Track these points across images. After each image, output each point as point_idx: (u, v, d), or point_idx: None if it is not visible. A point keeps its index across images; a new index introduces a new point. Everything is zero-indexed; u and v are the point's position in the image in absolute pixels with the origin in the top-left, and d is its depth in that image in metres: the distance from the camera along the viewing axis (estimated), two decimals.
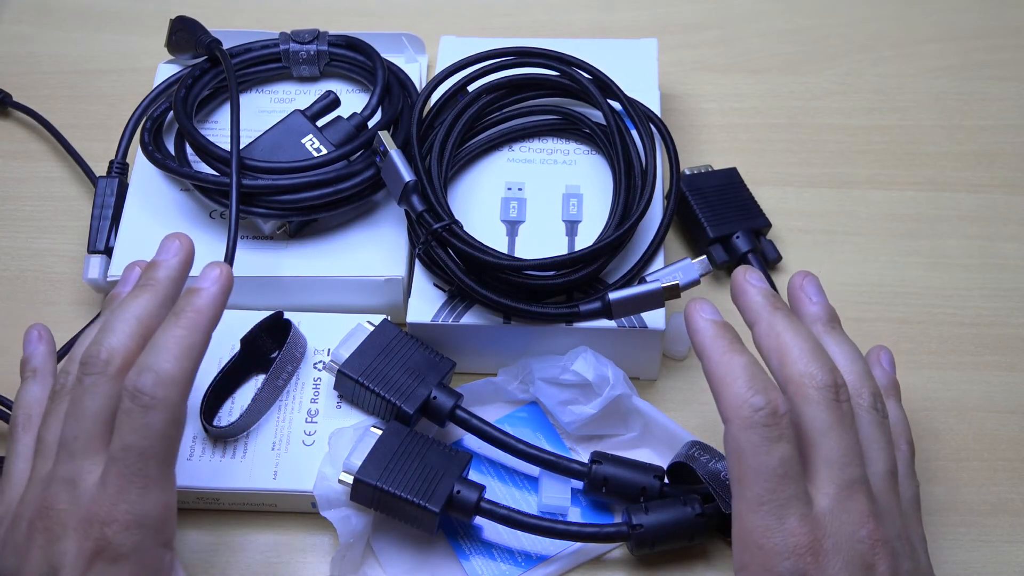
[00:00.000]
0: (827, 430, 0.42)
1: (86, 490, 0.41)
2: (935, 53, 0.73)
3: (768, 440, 0.41)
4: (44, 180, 0.67)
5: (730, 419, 0.42)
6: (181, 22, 0.64)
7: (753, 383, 0.42)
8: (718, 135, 0.69)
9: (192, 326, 0.44)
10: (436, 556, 0.52)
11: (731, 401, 0.42)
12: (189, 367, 0.43)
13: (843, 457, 0.42)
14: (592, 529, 0.50)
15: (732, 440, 0.42)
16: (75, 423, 0.43)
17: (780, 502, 0.41)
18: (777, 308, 0.46)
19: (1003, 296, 0.61)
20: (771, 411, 0.41)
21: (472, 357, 0.57)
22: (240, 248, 0.57)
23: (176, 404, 0.42)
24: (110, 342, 0.43)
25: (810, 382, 0.43)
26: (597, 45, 0.65)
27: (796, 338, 0.44)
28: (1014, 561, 0.52)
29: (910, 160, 0.67)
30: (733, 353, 0.43)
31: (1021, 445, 0.56)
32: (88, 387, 0.43)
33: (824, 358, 0.44)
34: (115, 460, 0.41)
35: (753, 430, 0.41)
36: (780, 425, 0.41)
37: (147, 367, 0.42)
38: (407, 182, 0.55)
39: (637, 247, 0.57)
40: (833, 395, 0.43)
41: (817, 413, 0.42)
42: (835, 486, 0.42)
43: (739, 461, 0.42)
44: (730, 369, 0.43)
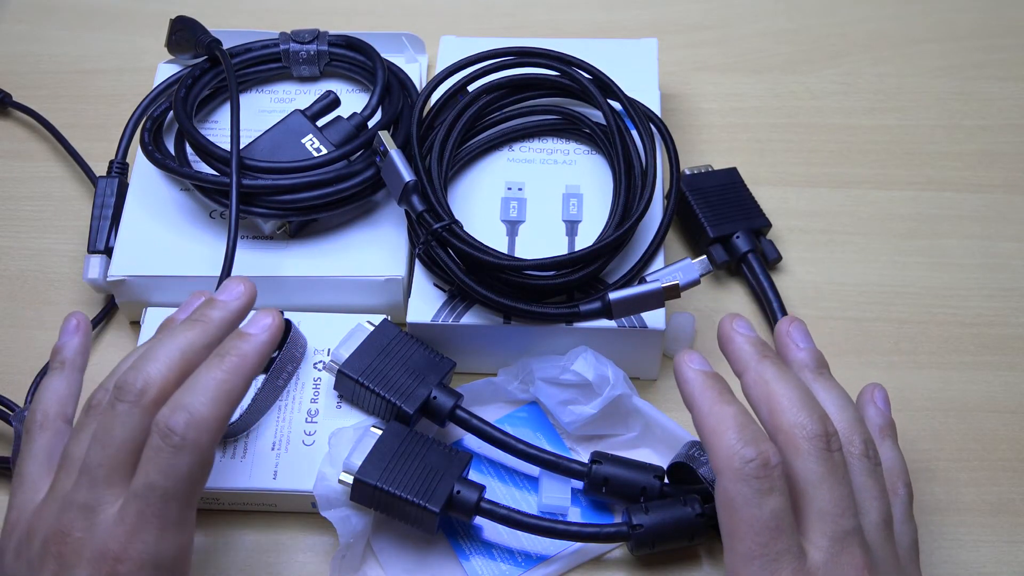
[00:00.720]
0: (819, 482, 0.42)
1: (103, 521, 0.41)
2: (935, 53, 0.73)
3: (760, 493, 0.40)
4: (44, 180, 0.67)
5: (721, 471, 0.41)
6: (181, 22, 0.64)
7: (743, 434, 0.41)
8: (718, 135, 0.69)
9: (234, 370, 0.43)
10: (436, 556, 0.52)
11: (722, 453, 0.41)
12: (224, 412, 0.42)
13: (836, 509, 0.41)
14: (592, 529, 0.50)
15: (723, 492, 0.41)
16: (100, 450, 0.42)
17: (772, 556, 0.40)
18: (765, 356, 0.45)
19: (1003, 296, 0.61)
20: (762, 462, 0.41)
21: (472, 357, 0.57)
22: (240, 248, 0.57)
23: (206, 448, 0.41)
24: (148, 371, 0.43)
25: (800, 432, 0.42)
26: (597, 45, 0.65)
27: (785, 387, 0.44)
28: (1014, 561, 0.52)
29: (910, 160, 0.67)
30: (723, 404, 0.43)
31: (1021, 445, 0.56)
32: (119, 414, 0.42)
33: (814, 406, 0.43)
34: (136, 497, 0.41)
35: (744, 482, 0.41)
36: (772, 477, 0.41)
37: (182, 406, 0.41)
38: (407, 182, 0.55)
39: (637, 247, 0.57)
40: (824, 445, 0.42)
41: (808, 464, 0.42)
42: (828, 539, 0.41)
43: (731, 514, 0.41)
44: (720, 420, 0.42)
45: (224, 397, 0.42)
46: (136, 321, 0.60)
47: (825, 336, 0.60)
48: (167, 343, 0.44)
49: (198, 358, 0.44)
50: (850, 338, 0.60)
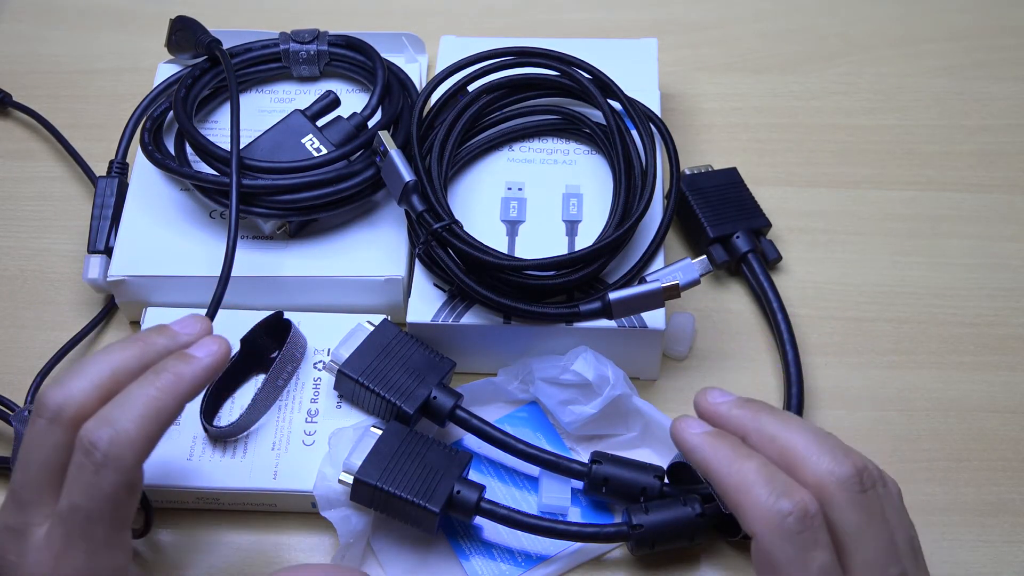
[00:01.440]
0: (860, 532, 0.39)
1: (32, 545, 0.39)
2: (935, 53, 0.73)
3: (804, 549, 0.38)
4: (44, 180, 0.67)
5: (758, 531, 0.38)
6: (181, 22, 0.64)
7: (774, 486, 0.39)
8: (718, 135, 0.69)
9: (167, 389, 0.40)
10: (436, 556, 0.52)
11: (756, 512, 0.38)
12: (152, 432, 0.40)
13: (882, 558, 0.39)
14: (592, 529, 0.50)
15: (763, 554, 0.38)
16: (22, 472, 0.40)
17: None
18: (759, 413, 0.43)
19: (1003, 296, 0.61)
20: (801, 514, 0.38)
21: (472, 357, 0.57)
22: (240, 248, 0.57)
23: (130, 467, 0.39)
24: (70, 387, 0.40)
25: (830, 479, 0.39)
26: (597, 45, 0.65)
27: (794, 435, 0.41)
28: (1014, 561, 0.52)
29: (910, 160, 0.67)
30: (741, 459, 0.40)
31: (1021, 445, 0.56)
32: (37, 432, 0.40)
33: (832, 445, 0.40)
34: (62, 519, 0.39)
35: (787, 539, 0.38)
36: (814, 528, 0.38)
37: (107, 421, 0.39)
38: (407, 182, 0.55)
39: (637, 247, 0.57)
40: (859, 487, 0.39)
41: (846, 516, 0.39)
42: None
43: (775, 571, 0.38)
44: (744, 477, 0.39)
45: (153, 416, 0.40)
46: (136, 321, 0.60)
47: (825, 336, 0.60)
48: (98, 360, 0.42)
49: (128, 379, 0.41)
50: (850, 338, 0.60)
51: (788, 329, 0.58)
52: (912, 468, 0.55)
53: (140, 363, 0.42)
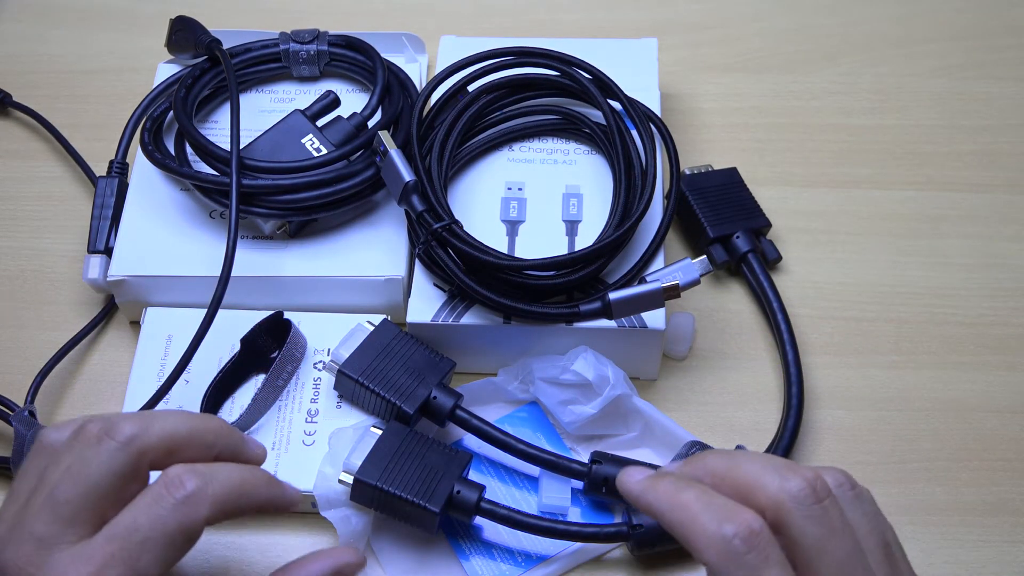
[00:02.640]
0: (821, 544, 0.38)
1: (61, 558, 0.39)
2: (935, 53, 0.73)
3: (754, 569, 0.37)
4: (44, 180, 0.67)
5: (708, 560, 0.38)
6: (181, 22, 0.64)
7: (715, 511, 0.38)
8: (718, 135, 0.69)
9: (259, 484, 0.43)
10: (436, 556, 0.52)
11: (702, 541, 0.38)
12: (229, 505, 0.41)
13: (846, 567, 0.38)
14: (592, 529, 0.50)
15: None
16: (72, 485, 0.40)
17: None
18: (702, 457, 0.42)
19: (1003, 296, 0.61)
20: (746, 534, 0.37)
21: (472, 357, 0.57)
22: (240, 248, 0.57)
23: (201, 520, 0.40)
24: (149, 424, 0.42)
25: (783, 497, 0.39)
26: (597, 45, 0.65)
27: (742, 465, 0.40)
28: (1015, 561, 0.52)
29: (910, 160, 0.67)
30: (680, 492, 0.39)
31: (1021, 445, 0.56)
32: (103, 451, 0.41)
33: (778, 466, 0.40)
34: (114, 538, 0.39)
35: (735, 562, 0.37)
36: (762, 545, 0.37)
37: (201, 473, 0.41)
38: (407, 182, 0.55)
39: (637, 247, 0.57)
40: (813, 499, 0.39)
41: (805, 529, 0.38)
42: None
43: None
44: (686, 510, 0.39)
45: (238, 493, 0.42)
46: (136, 321, 0.60)
47: (825, 336, 0.60)
48: (179, 414, 0.44)
49: (197, 449, 0.43)
50: (850, 338, 0.60)
51: (788, 329, 0.58)
52: (912, 468, 0.55)
53: (213, 440, 0.44)
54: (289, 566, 0.45)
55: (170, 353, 0.56)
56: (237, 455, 0.45)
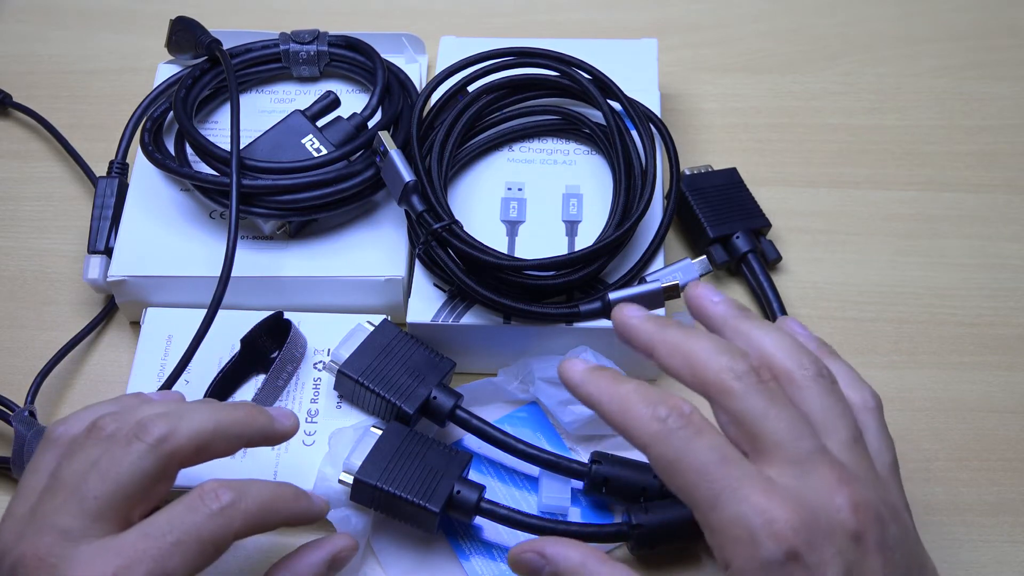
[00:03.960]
0: (763, 414, 0.39)
1: (84, 552, 0.39)
2: (935, 53, 0.73)
3: (688, 438, 0.38)
4: (44, 180, 0.67)
5: (646, 442, 0.39)
6: (181, 23, 0.64)
7: (647, 399, 0.40)
8: (718, 135, 0.69)
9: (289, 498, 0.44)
10: (436, 556, 0.52)
11: (638, 424, 0.40)
12: (260, 520, 0.43)
13: (790, 432, 0.39)
14: (592, 529, 0.50)
15: (658, 460, 0.39)
16: (100, 483, 0.41)
17: (734, 486, 0.38)
18: (667, 325, 0.43)
19: (1003, 296, 0.61)
20: (677, 413, 0.39)
21: (472, 357, 0.57)
22: (240, 248, 0.57)
23: (233, 532, 0.41)
24: (178, 424, 0.42)
25: (727, 375, 0.40)
26: (597, 45, 0.65)
27: (696, 343, 0.41)
28: (1015, 561, 0.52)
29: (910, 160, 0.67)
30: (616, 385, 0.41)
31: (1021, 445, 0.56)
32: (132, 452, 0.41)
33: (732, 349, 0.41)
34: (147, 535, 0.40)
35: (669, 438, 0.39)
36: (693, 422, 0.39)
37: (236, 488, 0.42)
38: (407, 182, 0.55)
39: (637, 247, 0.57)
40: (755, 378, 0.40)
41: (747, 403, 0.39)
42: (791, 464, 0.38)
43: (674, 474, 0.39)
44: (622, 399, 0.40)
45: (270, 509, 0.43)
46: (136, 321, 0.60)
47: (825, 336, 0.59)
48: (204, 409, 0.44)
49: (225, 443, 0.44)
50: (850, 338, 0.60)
51: None
52: (912, 468, 0.55)
53: (239, 433, 0.45)
54: (287, 559, 0.46)
55: (170, 353, 0.56)
56: (268, 437, 0.46)
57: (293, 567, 0.45)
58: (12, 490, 0.54)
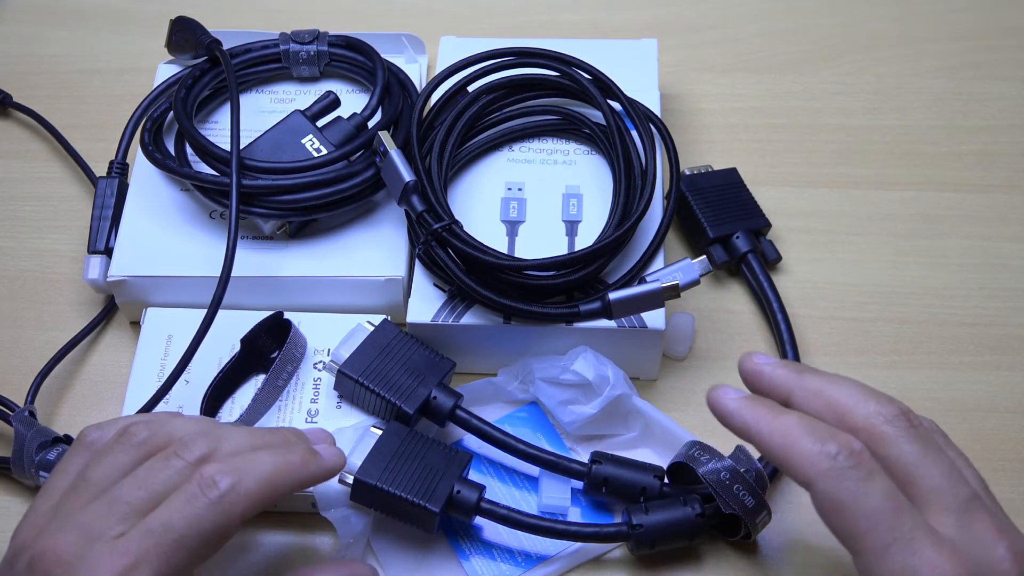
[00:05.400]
0: (920, 459, 0.39)
1: (100, 550, 0.40)
2: (935, 53, 0.73)
3: (861, 480, 0.38)
4: (44, 180, 0.67)
5: (812, 478, 0.39)
6: (181, 23, 0.64)
7: (816, 434, 0.39)
8: (718, 135, 0.69)
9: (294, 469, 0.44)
10: (436, 556, 0.52)
11: (804, 461, 0.39)
12: (265, 496, 0.42)
13: (948, 479, 0.39)
14: (592, 529, 0.50)
15: (824, 499, 0.39)
16: (135, 489, 0.41)
17: (907, 537, 0.37)
18: (803, 371, 0.43)
19: (1003, 296, 0.61)
20: (849, 451, 0.38)
21: (472, 357, 0.57)
22: (240, 248, 0.57)
23: (236, 517, 0.41)
24: (220, 447, 0.43)
25: (879, 420, 0.40)
26: (597, 45, 0.65)
27: (839, 387, 0.41)
28: None
29: (910, 160, 0.67)
30: (780, 416, 0.41)
31: (1021, 445, 0.56)
32: (171, 467, 0.42)
33: (877, 393, 0.41)
34: (150, 533, 0.40)
35: (841, 477, 0.38)
36: (864, 462, 0.38)
37: (233, 470, 0.42)
38: (407, 182, 0.55)
39: (637, 247, 0.57)
40: (907, 422, 0.40)
41: (902, 447, 0.39)
42: (954, 513, 0.38)
43: (841, 516, 0.38)
44: (787, 432, 0.40)
45: (271, 482, 0.42)
46: (136, 321, 0.60)
47: (825, 336, 0.60)
48: (244, 435, 0.45)
49: (279, 496, 0.44)
50: (850, 338, 0.60)
51: (788, 329, 0.58)
52: None
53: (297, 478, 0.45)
54: (304, 571, 0.46)
55: (170, 353, 0.56)
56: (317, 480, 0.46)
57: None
58: (12, 490, 0.54)
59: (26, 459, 0.52)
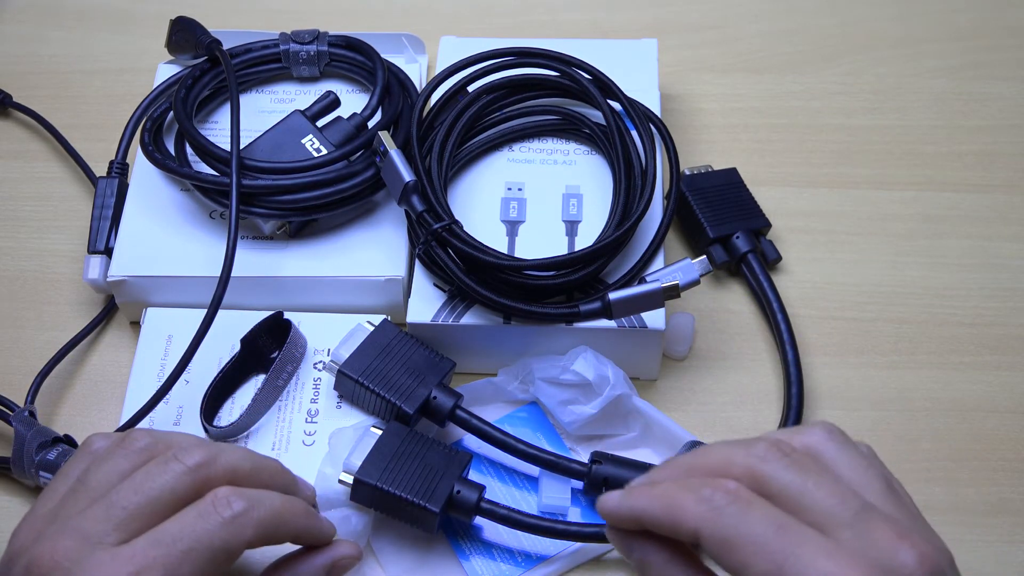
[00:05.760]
0: (802, 485, 0.39)
1: (100, 557, 0.40)
2: (935, 53, 0.73)
3: (739, 513, 0.38)
4: (44, 180, 0.67)
5: (697, 526, 0.38)
6: (181, 23, 0.64)
7: (687, 486, 0.39)
8: (718, 135, 0.69)
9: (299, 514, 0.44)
10: (436, 556, 0.52)
11: (686, 513, 0.39)
12: (271, 531, 0.43)
13: (835, 497, 0.38)
14: (592, 529, 0.50)
15: (711, 542, 0.38)
16: (133, 494, 0.41)
17: (796, 552, 0.37)
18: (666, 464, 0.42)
19: (1003, 296, 0.61)
20: (723, 491, 0.38)
21: (472, 357, 0.57)
22: (240, 248, 0.57)
23: (243, 541, 0.42)
24: (218, 454, 0.43)
25: (754, 461, 0.39)
26: (597, 45, 0.65)
27: (707, 454, 0.41)
28: (1014, 561, 0.52)
29: (910, 160, 0.67)
30: (656, 487, 0.40)
31: (1021, 445, 0.56)
32: (169, 471, 0.42)
33: (744, 440, 0.41)
34: (158, 543, 0.40)
35: (719, 518, 0.38)
36: (741, 495, 0.38)
37: (248, 496, 0.42)
38: (407, 182, 0.55)
39: (637, 247, 0.57)
40: (779, 453, 0.40)
41: (782, 479, 0.39)
42: (849, 527, 0.38)
43: (731, 551, 0.38)
44: (662, 497, 0.40)
45: (279, 520, 0.43)
46: (136, 321, 0.60)
47: (825, 336, 0.60)
48: (246, 452, 0.45)
49: (260, 482, 0.44)
50: (850, 338, 0.60)
51: (788, 329, 0.58)
52: (912, 468, 0.55)
53: (269, 480, 0.45)
54: (288, 559, 0.46)
55: (170, 353, 0.56)
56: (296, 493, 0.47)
57: (293, 568, 0.46)
58: (12, 490, 0.54)
59: (26, 459, 0.52)
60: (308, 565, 0.46)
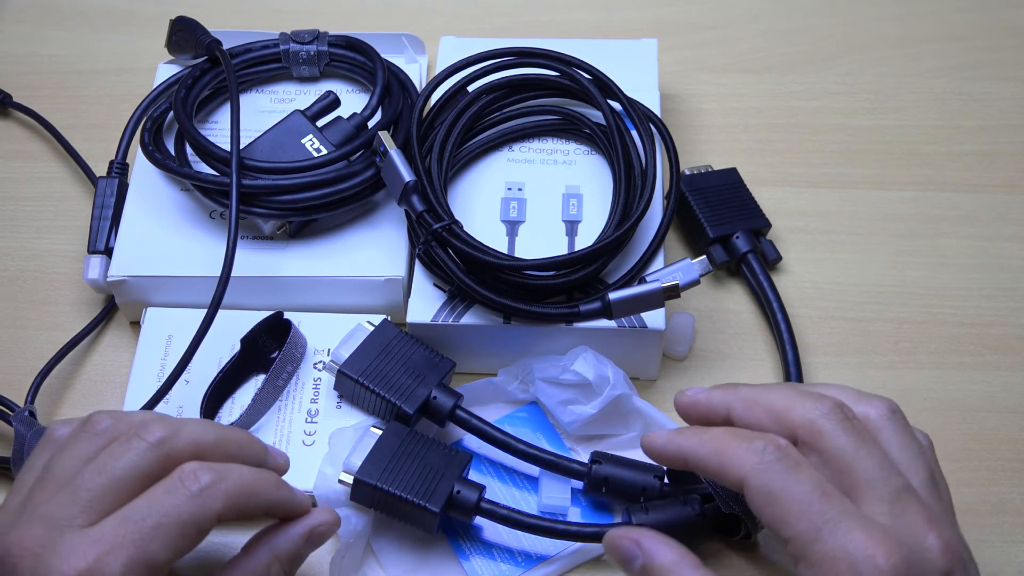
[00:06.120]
0: (855, 452, 0.41)
1: (72, 539, 0.40)
2: (935, 53, 0.73)
3: (788, 470, 0.40)
4: (44, 180, 0.67)
5: (743, 475, 0.40)
6: (181, 23, 0.64)
7: (742, 436, 0.41)
8: (718, 135, 0.69)
9: (270, 487, 0.44)
10: (436, 556, 0.52)
11: (734, 461, 0.41)
12: (240, 503, 0.43)
13: (882, 472, 0.40)
14: (592, 529, 0.50)
15: (756, 492, 0.40)
16: (96, 476, 0.41)
17: (836, 520, 0.39)
18: (736, 387, 0.45)
19: (1003, 296, 0.61)
20: (775, 446, 0.40)
21: (472, 357, 0.57)
22: (240, 248, 0.57)
23: (213, 513, 0.41)
24: (180, 428, 0.43)
25: (815, 415, 0.41)
26: (597, 45, 0.65)
27: (773, 392, 0.43)
28: (1014, 561, 0.52)
29: (910, 160, 0.67)
30: (708, 431, 0.42)
31: (1021, 445, 0.56)
32: (132, 449, 0.42)
33: (809, 392, 0.43)
34: (126, 520, 0.40)
35: (769, 470, 0.40)
36: (791, 455, 0.40)
37: (214, 470, 0.42)
38: (407, 182, 0.55)
39: (637, 247, 0.57)
40: (842, 415, 0.41)
41: (837, 441, 0.41)
42: (887, 503, 0.40)
43: (774, 505, 0.40)
44: (714, 444, 0.42)
45: (248, 492, 0.43)
46: (136, 321, 0.60)
47: (825, 336, 0.60)
48: (206, 423, 0.45)
49: (223, 454, 0.44)
50: (850, 338, 0.60)
51: (788, 329, 0.58)
52: None
53: (236, 451, 0.45)
54: (266, 532, 0.46)
55: (170, 353, 0.56)
56: (261, 465, 0.46)
57: (271, 540, 0.45)
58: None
59: (26, 458, 0.52)
60: (285, 536, 0.45)
